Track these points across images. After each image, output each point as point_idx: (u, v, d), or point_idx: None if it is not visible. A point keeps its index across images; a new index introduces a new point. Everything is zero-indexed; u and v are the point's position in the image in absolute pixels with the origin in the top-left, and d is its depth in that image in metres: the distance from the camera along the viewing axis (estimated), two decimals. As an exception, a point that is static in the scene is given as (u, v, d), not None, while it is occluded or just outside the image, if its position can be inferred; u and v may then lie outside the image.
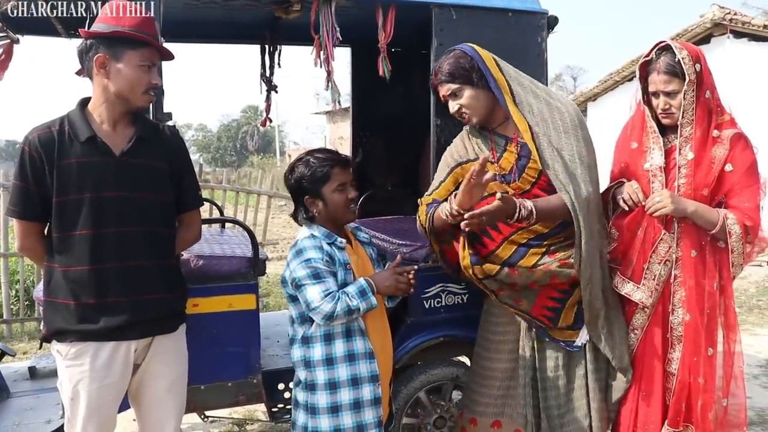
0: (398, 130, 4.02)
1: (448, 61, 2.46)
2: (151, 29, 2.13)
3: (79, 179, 2.05)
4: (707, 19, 10.15)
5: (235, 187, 10.24)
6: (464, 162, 2.52)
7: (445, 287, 2.85)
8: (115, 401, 2.17)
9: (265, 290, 7.42)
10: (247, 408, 3.88)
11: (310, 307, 2.14)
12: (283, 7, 2.73)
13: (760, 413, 4.00)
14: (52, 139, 2.06)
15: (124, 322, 2.10)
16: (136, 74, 2.08)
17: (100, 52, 2.06)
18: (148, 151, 2.16)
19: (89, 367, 2.09)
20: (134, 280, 2.11)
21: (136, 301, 2.12)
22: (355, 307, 2.14)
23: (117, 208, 2.08)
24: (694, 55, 2.39)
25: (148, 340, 2.19)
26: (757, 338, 5.72)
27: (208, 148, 53.61)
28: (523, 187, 2.43)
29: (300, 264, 2.18)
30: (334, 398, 2.20)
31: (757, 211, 2.40)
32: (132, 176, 2.11)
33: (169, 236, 2.25)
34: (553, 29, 3.03)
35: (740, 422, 2.56)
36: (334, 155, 2.32)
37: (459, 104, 2.45)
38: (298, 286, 2.16)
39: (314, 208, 2.28)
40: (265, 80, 3.81)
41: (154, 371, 2.22)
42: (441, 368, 2.98)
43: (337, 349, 2.22)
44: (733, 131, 2.43)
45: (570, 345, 2.53)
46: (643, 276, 2.49)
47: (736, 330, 2.51)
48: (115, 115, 2.13)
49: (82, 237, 2.06)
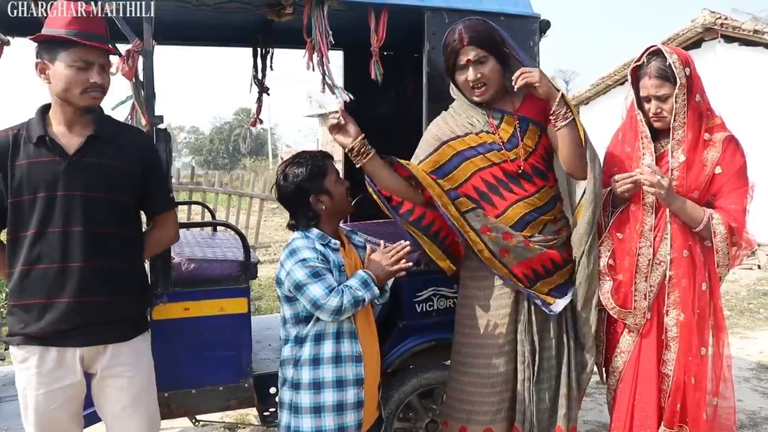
0: (390, 133, 4.00)
1: (478, 27, 2.42)
2: (88, 27, 2.07)
3: (30, 180, 2.05)
4: (698, 23, 10.21)
5: (227, 189, 10.21)
6: (453, 138, 2.53)
7: (437, 291, 2.86)
8: (64, 408, 2.11)
9: (257, 294, 7.40)
10: (239, 412, 3.86)
11: (316, 305, 2.11)
12: (276, 10, 2.72)
13: (751, 416, 4.01)
14: (6, 143, 2.07)
15: (65, 325, 2.06)
16: (70, 74, 2.04)
17: (41, 57, 2.06)
18: (104, 151, 2.12)
19: (35, 371, 2.07)
20: (76, 281, 2.06)
21: (77, 303, 2.06)
22: (361, 298, 2.15)
23: (65, 208, 2.06)
24: (684, 60, 2.41)
25: (97, 349, 2.13)
26: (747, 341, 5.75)
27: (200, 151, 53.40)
28: (520, 154, 2.48)
29: (296, 265, 2.15)
30: (317, 398, 2.18)
31: (743, 214, 2.43)
32: (83, 175, 2.08)
33: (123, 237, 2.18)
34: (545, 33, 3.05)
35: (730, 424, 2.57)
36: (317, 152, 2.34)
37: (481, 73, 2.42)
38: (298, 287, 2.13)
39: (320, 205, 2.25)
40: (257, 83, 3.81)
41: (113, 384, 2.16)
42: (433, 372, 2.98)
43: (325, 349, 2.20)
44: (724, 134, 2.45)
45: (547, 307, 2.53)
46: (633, 299, 2.51)
47: (724, 331, 2.54)
48: (67, 117, 2.11)
49: (26, 237, 2.05)
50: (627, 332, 2.57)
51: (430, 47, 2.74)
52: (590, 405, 4.18)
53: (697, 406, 2.46)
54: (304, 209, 2.26)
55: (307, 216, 2.27)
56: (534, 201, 2.50)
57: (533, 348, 2.54)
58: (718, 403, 2.54)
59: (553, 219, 2.56)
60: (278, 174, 2.31)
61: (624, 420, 2.55)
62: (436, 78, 2.75)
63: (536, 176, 2.51)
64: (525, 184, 2.50)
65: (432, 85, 2.76)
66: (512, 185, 2.49)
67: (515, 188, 2.49)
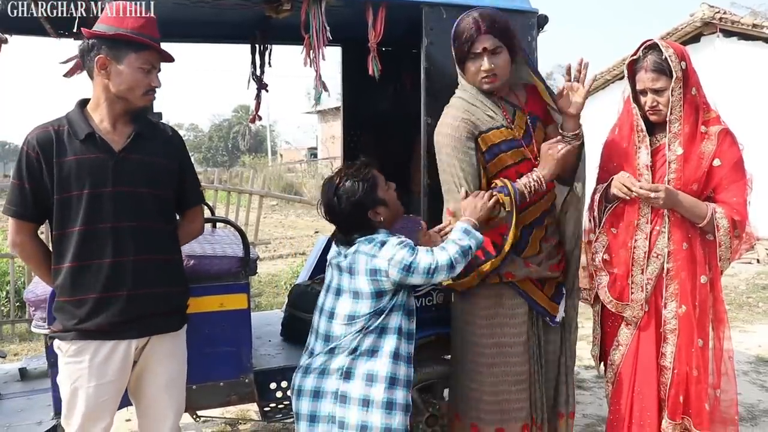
0: (389, 128, 4.03)
1: (495, 16, 2.40)
2: (152, 31, 2.14)
3: (77, 176, 2.07)
4: (697, 18, 10.19)
5: (226, 186, 10.19)
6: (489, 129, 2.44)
7: (436, 285, 2.86)
8: (112, 400, 2.17)
9: (257, 290, 7.41)
10: (240, 407, 3.87)
11: (430, 270, 2.13)
12: (274, 7, 2.72)
13: (750, 409, 4.03)
14: (50, 139, 2.08)
15: (123, 318, 2.10)
16: (137, 76, 2.11)
17: (102, 53, 2.07)
18: (147, 148, 2.18)
19: (88, 365, 2.10)
20: (131, 274, 2.12)
21: (134, 296, 2.12)
22: (467, 247, 2.18)
23: (114, 204, 2.09)
24: (680, 53, 2.42)
25: (147, 338, 2.19)
26: (746, 335, 5.77)
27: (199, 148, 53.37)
28: (534, 152, 2.47)
29: (396, 248, 2.15)
30: (368, 391, 2.17)
31: (744, 206, 2.44)
32: (130, 172, 2.13)
33: (167, 231, 2.26)
34: (543, 28, 3.05)
35: (732, 416, 2.58)
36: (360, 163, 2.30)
37: (495, 64, 2.38)
38: (408, 267, 2.13)
39: (378, 217, 2.25)
40: (255, 79, 3.81)
41: (153, 369, 2.23)
42: (432, 367, 3.00)
43: (386, 343, 2.20)
44: (720, 127, 2.47)
45: (552, 319, 2.59)
46: (630, 291, 2.52)
47: (725, 324, 2.54)
48: (114, 114, 2.15)
49: (77, 233, 2.08)
50: (625, 325, 2.58)
51: (428, 42, 2.74)
52: (590, 399, 4.20)
53: (699, 397, 2.47)
54: (362, 225, 2.25)
55: (366, 230, 2.25)
56: (543, 204, 2.52)
57: (539, 343, 2.61)
58: (720, 395, 2.55)
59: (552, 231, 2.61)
60: (328, 194, 2.26)
61: (623, 413, 2.56)
62: (434, 73, 2.75)
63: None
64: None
65: (430, 81, 2.76)
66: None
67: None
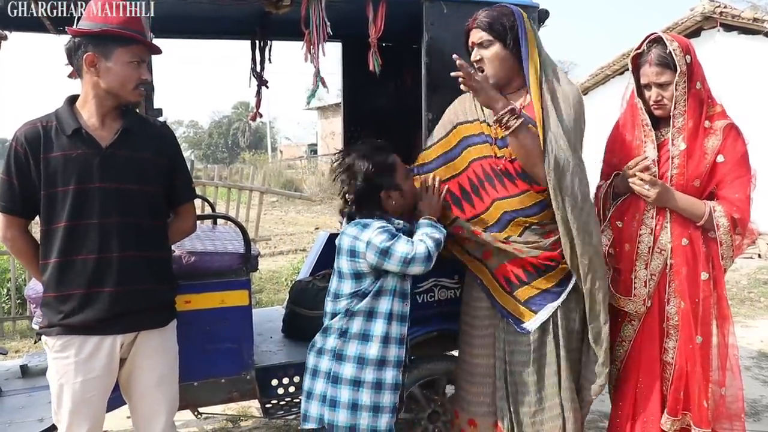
0: (390, 124, 3.99)
1: (491, 11, 2.43)
2: (138, 26, 2.14)
3: (64, 172, 2.08)
4: (697, 12, 10.17)
5: (227, 183, 10.17)
6: (464, 122, 2.52)
7: (438, 281, 2.85)
8: (100, 396, 2.17)
9: (258, 286, 7.41)
10: (241, 404, 3.88)
11: (407, 260, 2.16)
12: (273, 2, 2.71)
13: (752, 404, 4.03)
14: (37, 135, 2.09)
15: (108, 314, 2.10)
16: (127, 71, 2.11)
17: (89, 50, 2.07)
18: (135, 143, 2.17)
19: (74, 360, 2.10)
20: (117, 271, 2.12)
21: (119, 292, 2.12)
22: (439, 239, 2.23)
23: (100, 200, 2.10)
24: (684, 47, 2.41)
25: (134, 335, 2.19)
26: (748, 330, 5.76)
27: (199, 145, 53.40)
28: (507, 154, 2.40)
29: (375, 232, 2.19)
30: (358, 373, 2.23)
31: (746, 203, 2.42)
32: (118, 168, 2.13)
33: (156, 228, 2.25)
34: (544, 23, 3.03)
35: (738, 412, 2.57)
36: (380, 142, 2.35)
37: (481, 56, 2.42)
38: (384, 252, 2.17)
39: (390, 201, 2.28)
40: (255, 76, 3.79)
41: (142, 365, 2.23)
42: (434, 363, 2.99)
43: (375, 328, 2.24)
44: (725, 122, 2.44)
45: (518, 324, 2.45)
46: (633, 286, 2.51)
47: (729, 320, 2.52)
48: (103, 110, 2.15)
49: (63, 229, 2.08)
50: (628, 321, 2.57)
51: (429, 38, 2.73)
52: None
53: (699, 393, 2.46)
54: (372, 205, 2.27)
55: (373, 211, 2.28)
56: (513, 203, 2.43)
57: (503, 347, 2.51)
58: (726, 392, 2.53)
59: (539, 223, 2.44)
60: (343, 165, 2.30)
61: (627, 408, 2.56)
62: (434, 69, 2.74)
63: (519, 178, 2.41)
64: (508, 184, 2.42)
65: (431, 76, 2.75)
66: (497, 182, 2.44)
67: (498, 186, 2.43)
